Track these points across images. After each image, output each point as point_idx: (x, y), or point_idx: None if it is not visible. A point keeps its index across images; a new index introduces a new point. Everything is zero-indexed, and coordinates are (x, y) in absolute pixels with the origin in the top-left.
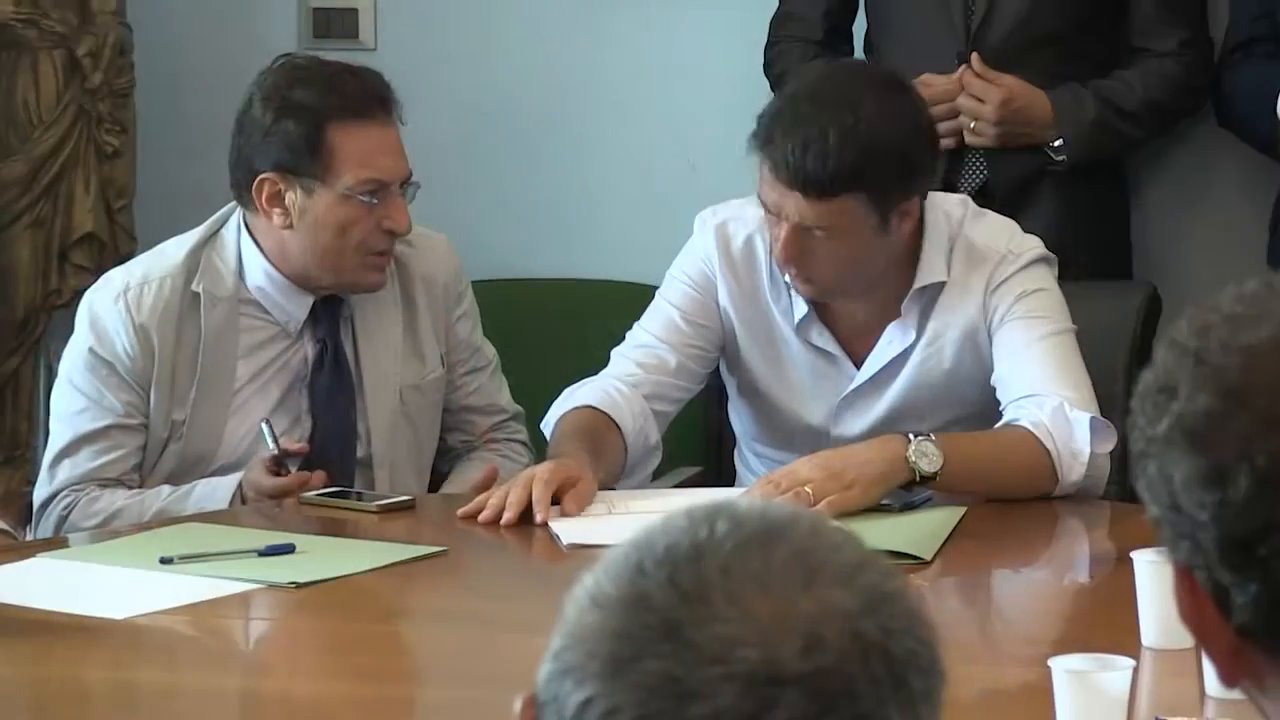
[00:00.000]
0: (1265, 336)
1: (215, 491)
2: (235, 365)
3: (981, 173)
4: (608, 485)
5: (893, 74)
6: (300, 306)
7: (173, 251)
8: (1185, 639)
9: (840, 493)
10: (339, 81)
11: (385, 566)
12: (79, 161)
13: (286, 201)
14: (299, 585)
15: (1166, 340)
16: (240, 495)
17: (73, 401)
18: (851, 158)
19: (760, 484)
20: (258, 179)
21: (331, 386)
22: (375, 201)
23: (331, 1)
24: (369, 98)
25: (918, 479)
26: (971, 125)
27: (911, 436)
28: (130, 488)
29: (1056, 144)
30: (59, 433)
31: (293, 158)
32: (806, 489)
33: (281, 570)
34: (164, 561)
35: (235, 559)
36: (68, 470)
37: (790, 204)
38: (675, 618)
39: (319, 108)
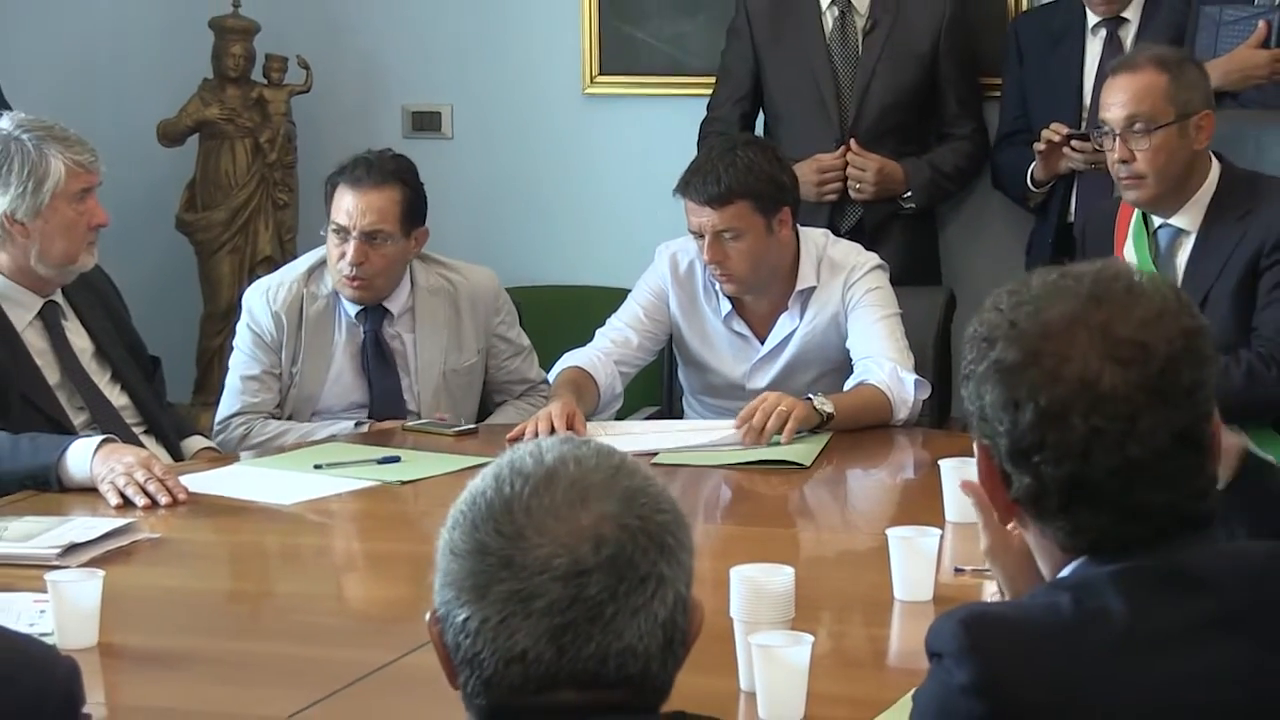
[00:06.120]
0: (1057, 315)
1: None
2: (331, 340)
3: (857, 215)
4: (588, 418)
5: (756, 136)
6: (352, 308)
7: (301, 264)
8: (974, 516)
9: (798, 413)
10: (351, 162)
11: (459, 470)
12: (261, 210)
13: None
14: (404, 483)
15: (992, 304)
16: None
17: (238, 357)
18: (735, 177)
19: (758, 400)
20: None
21: (376, 365)
22: (338, 238)
23: (423, 107)
24: (359, 170)
25: (824, 419)
26: (857, 187)
27: (811, 397)
28: (278, 419)
29: (907, 196)
30: (231, 377)
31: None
32: (782, 408)
33: (392, 473)
34: (316, 467)
35: (362, 466)
36: (238, 401)
37: (705, 218)
38: (507, 554)
39: (334, 177)
